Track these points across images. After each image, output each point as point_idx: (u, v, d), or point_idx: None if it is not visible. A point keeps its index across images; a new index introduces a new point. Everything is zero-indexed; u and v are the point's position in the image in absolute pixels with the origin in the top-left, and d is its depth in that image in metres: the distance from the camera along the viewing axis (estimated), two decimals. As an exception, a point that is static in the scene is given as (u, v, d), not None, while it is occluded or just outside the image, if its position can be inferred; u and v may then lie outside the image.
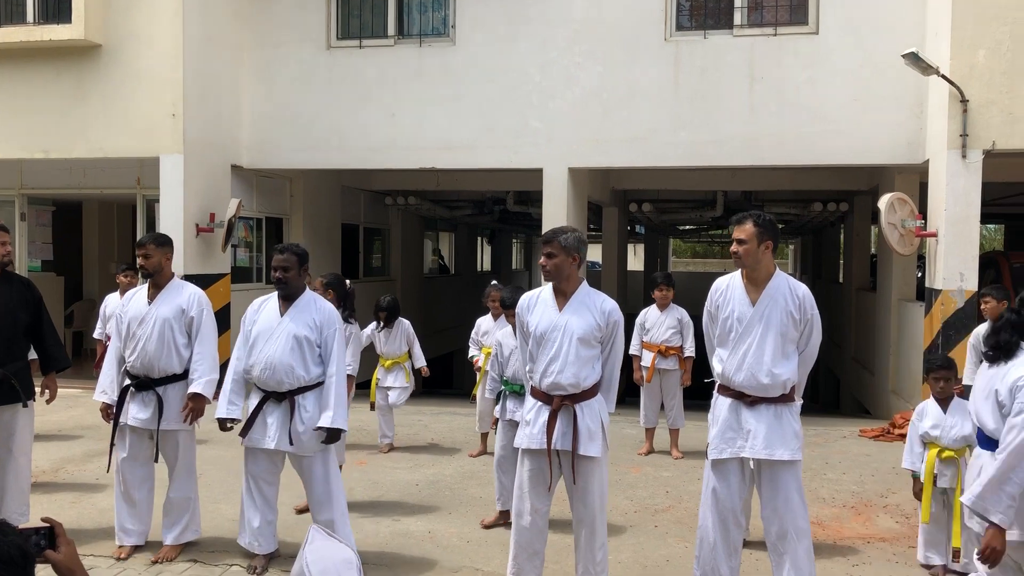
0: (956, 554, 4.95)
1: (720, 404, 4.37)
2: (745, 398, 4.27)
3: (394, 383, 7.97)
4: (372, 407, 8.05)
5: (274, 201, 12.53)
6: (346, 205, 14.28)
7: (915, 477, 5.10)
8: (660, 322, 8.01)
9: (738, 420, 4.27)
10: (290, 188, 12.77)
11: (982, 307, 6.65)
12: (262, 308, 5.01)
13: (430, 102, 10.87)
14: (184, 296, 5.21)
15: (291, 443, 4.84)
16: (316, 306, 4.96)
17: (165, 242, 5.31)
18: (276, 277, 4.89)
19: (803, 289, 4.32)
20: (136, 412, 5.14)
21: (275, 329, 4.87)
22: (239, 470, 5.09)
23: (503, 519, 5.80)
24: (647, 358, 8.01)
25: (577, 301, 4.39)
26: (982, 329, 6.64)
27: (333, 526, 4.86)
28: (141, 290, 5.32)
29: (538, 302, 4.49)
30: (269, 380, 4.85)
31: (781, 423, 4.24)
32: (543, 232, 4.55)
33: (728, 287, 4.40)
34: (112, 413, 5.20)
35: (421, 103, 10.89)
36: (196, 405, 5.11)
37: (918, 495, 5.07)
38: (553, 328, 4.35)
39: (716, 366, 4.43)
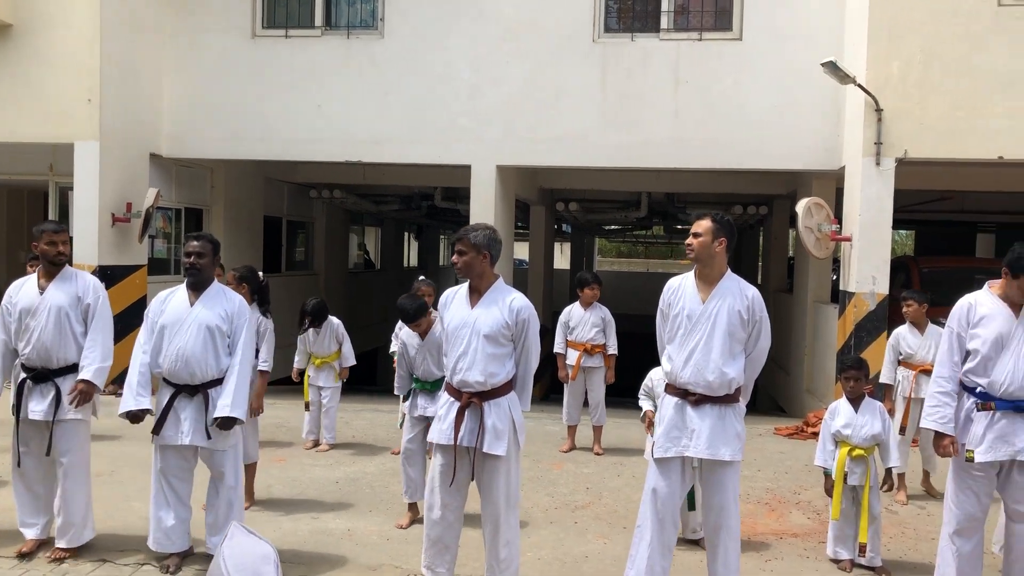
0: (862, 548, 5.13)
1: (666, 403, 4.43)
2: (690, 396, 4.33)
3: (325, 383, 7.90)
4: (307, 407, 7.92)
5: (194, 191, 12.22)
6: (269, 197, 14.02)
7: (827, 474, 5.26)
8: (585, 320, 8.08)
9: (683, 419, 4.34)
10: (211, 178, 12.47)
11: (904, 310, 6.87)
12: (169, 299, 4.91)
13: (358, 95, 10.75)
14: (79, 284, 5.07)
15: (209, 437, 4.75)
16: (226, 296, 4.92)
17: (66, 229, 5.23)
18: (189, 263, 4.82)
19: (753, 291, 4.41)
20: (34, 405, 4.96)
21: (185, 319, 4.78)
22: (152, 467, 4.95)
23: (413, 512, 5.82)
24: (572, 356, 8.07)
25: (489, 298, 4.41)
26: (903, 330, 6.89)
27: (217, 523, 4.81)
28: (29, 280, 5.12)
29: (455, 299, 4.52)
30: (181, 372, 4.75)
31: (724, 424, 4.32)
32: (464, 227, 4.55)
33: (680, 285, 4.48)
34: None
35: (349, 96, 10.77)
36: (86, 389, 4.92)
37: (829, 492, 5.23)
38: (463, 325, 4.38)
39: (665, 364, 4.48)
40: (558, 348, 8.12)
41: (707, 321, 4.32)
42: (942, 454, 4.46)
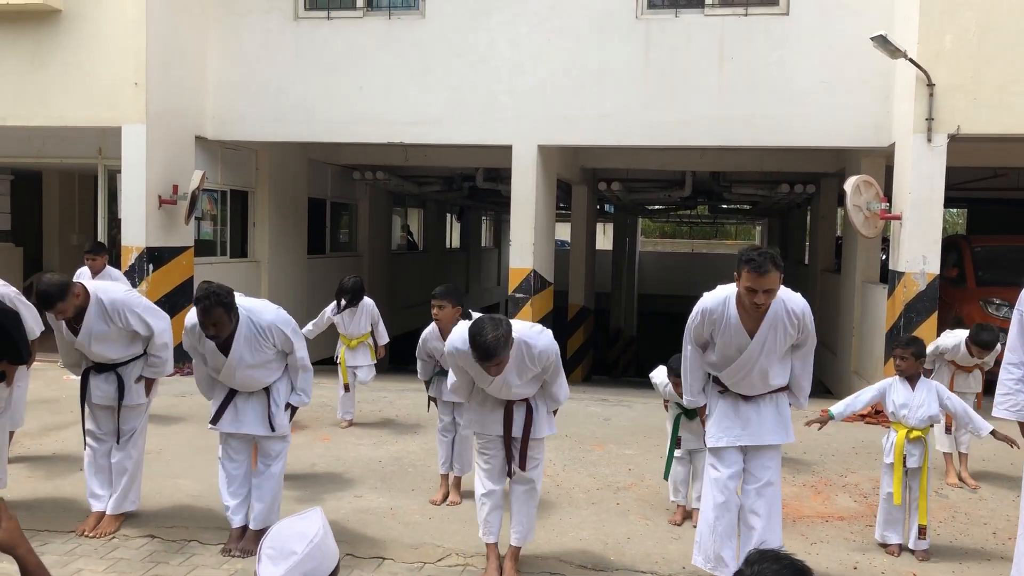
0: (923, 531, 5.01)
1: (717, 395, 4.48)
2: (742, 396, 4.41)
3: (362, 362, 7.93)
4: (346, 388, 7.94)
5: (239, 173, 12.34)
6: (313, 179, 14.11)
7: (830, 416, 5.06)
8: None
9: (736, 411, 4.40)
10: (256, 160, 12.58)
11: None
12: (202, 342, 4.77)
13: (399, 75, 10.74)
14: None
15: (272, 428, 4.88)
16: (252, 327, 4.72)
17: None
18: (210, 335, 4.64)
19: (800, 306, 4.22)
20: (98, 391, 5.16)
21: (228, 363, 4.76)
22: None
23: (445, 488, 5.91)
24: None
25: (513, 362, 4.33)
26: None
27: (260, 500, 4.93)
28: (85, 276, 5.33)
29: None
30: (243, 390, 4.91)
31: (779, 411, 4.41)
32: (483, 342, 4.08)
33: (723, 316, 4.23)
34: None
35: (390, 76, 10.76)
36: (150, 384, 5.29)
37: (814, 420, 5.08)
38: (490, 384, 4.42)
39: (712, 369, 4.47)
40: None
41: (759, 350, 4.23)
42: None
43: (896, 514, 5.11)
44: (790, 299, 4.22)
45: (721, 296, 4.26)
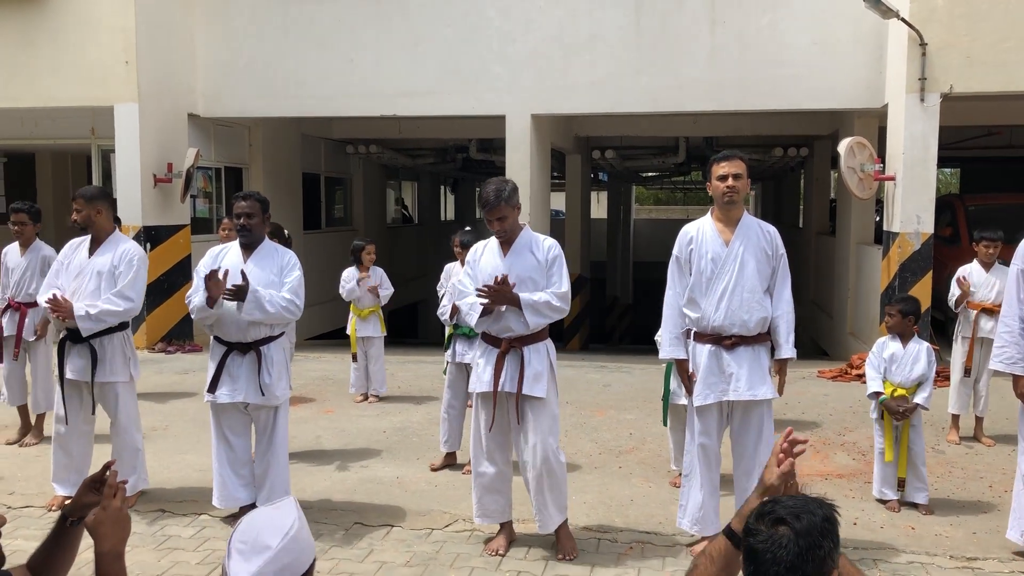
0: (901, 483, 5.12)
1: (699, 351, 4.40)
2: (724, 341, 4.32)
3: (372, 332, 7.90)
4: (354, 358, 7.95)
5: (233, 150, 12.31)
6: (306, 154, 14.08)
7: (878, 397, 5.18)
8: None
9: (719, 365, 4.34)
10: (249, 137, 12.55)
11: (990, 251, 6.57)
12: (222, 257, 4.85)
13: (389, 47, 10.70)
14: (118, 252, 5.08)
15: (262, 394, 4.73)
16: (277, 252, 4.87)
17: (96, 196, 5.21)
18: (240, 224, 4.76)
19: (771, 226, 4.45)
20: (72, 364, 5.04)
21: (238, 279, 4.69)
22: (206, 421, 5.06)
23: (449, 461, 5.97)
24: None
25: (519, 246, 4.45)
26: (970, 267, 6.68)
27: (267, 475, 4.84)
28: (85, 241, 5.19)
29: (485, 251, 4.54)
30: (232, 330, 4.73)
31: (761, 363, 4.35)
32: (486, 192, 4.40)
33: (699, 231, 4.42)
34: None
35: (380, 49, 10.71)
36: (63, 306, 4.87)
37: (888, 408, 5.14)
38: (496, 272, 4.36)
39: (688, 312, 4.43)
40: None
41: (733, 262, 4.31)
42: (1019, 395, 4.34)
43: (891, 470, 5.19)
44: (762, 221, 4.46)
45: (696, 220, 4.53)
